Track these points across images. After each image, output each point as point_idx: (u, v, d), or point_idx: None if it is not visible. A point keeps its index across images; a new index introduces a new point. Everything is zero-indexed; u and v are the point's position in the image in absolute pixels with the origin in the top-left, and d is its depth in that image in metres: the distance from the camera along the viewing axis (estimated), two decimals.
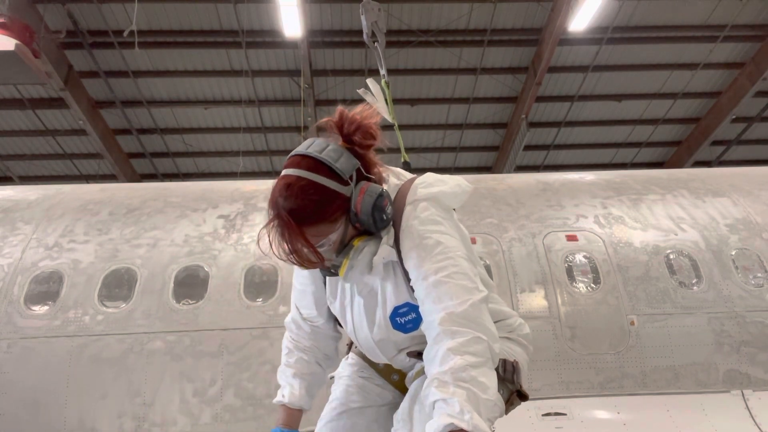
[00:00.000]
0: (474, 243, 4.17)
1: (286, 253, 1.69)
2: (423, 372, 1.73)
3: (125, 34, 9.42)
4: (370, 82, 2.06)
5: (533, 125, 14.61)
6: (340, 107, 1.79)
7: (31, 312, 4.48)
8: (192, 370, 4.30)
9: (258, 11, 11.71)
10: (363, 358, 2.16)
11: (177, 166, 16.03)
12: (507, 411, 1.81)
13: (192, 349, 4.36)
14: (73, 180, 15.42)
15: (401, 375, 2.08)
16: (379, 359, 2.04)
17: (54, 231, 4.94)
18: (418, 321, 1.80)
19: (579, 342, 4.44)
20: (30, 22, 10.06)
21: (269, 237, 1.70)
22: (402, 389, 2.06)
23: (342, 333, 2.18)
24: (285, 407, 2.06)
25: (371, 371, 2.15)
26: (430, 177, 1.91)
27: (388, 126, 1.89)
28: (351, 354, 2.23)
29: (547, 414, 4.15)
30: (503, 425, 1.90)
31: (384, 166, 1.89)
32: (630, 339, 4.44)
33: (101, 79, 12.86)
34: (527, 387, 1.87)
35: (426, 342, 1.68)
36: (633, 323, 4.48)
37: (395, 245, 1.79)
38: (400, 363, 2.01)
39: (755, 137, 15.92)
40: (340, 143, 1.75)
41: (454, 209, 1.92)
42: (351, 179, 1.73)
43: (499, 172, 15.51)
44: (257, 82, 13.40)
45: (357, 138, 1.75)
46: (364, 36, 4.47)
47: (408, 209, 1.80)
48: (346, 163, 1.71)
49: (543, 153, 16.33)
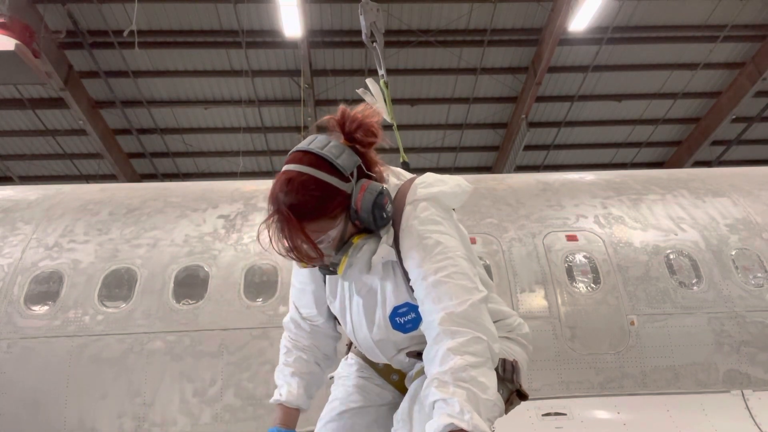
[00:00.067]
0: (474, 243, 4.17)
1: (285, 249, 1.69)
2: (423, 372, 1.73)
3: (125, 34, 9.42)
4: (369, 82, 2.06)
5: (533, 125, 14.61)
6: (342, 105, 1.79)
7: (31, 312, 4.48)
8: (192, 370, 4.30)
9: (258, 11, 11.71)
10: (362, 358, 2.16)
11: (177, 166, 16.04)
12: (507, 411, 1.81)
13: (192, 349, 4.35)
14: (73, 180, 15.42)
15: (401, 375, 2.08)
16: (379, 359, 2.04)
17: (54, 231, 4.94)
18: (417, 321, 1.79)
19: (579, 342, 4.44)
20: (30, 22, 10.07)
21: (269, 232, 1.69)
22: (402, 389, 2.06)
23: (341, 333, 2.18)
24: (282, 406, 2.04)
25: (371, 371, 2.14)
26: (430, 177, 1.91)
27: (387, 126, 1.89)
28: (350, 354, 2.22)
29: (547, 414, 4.15)
30: (503, 425, 1.90)
31: (385, 165, 1.89)
32: (630, 339, 4.43)
33: (101, 79, 12.86)
34: (527, 387, 1.87)
35: (425, 342, 1.68)
36: (633, 323, 4.48)
37: (395, 245, 1.79)
38: (399, 363, 2.01)
39: (755, 137, 15.92)
40: (341, 141, 1.75)
41: (453, 209, 1.91)
42: (352, 176, 1.73)
43: (499, 172, 15.51)
44: (257, 82, 13.40)
45: (358, 136, 1.75)
46: (362, 36, 4.49)
47: (408, 209, 1.79)
48: (347, 160, 1.71)
49: (543, 153, 16.33)
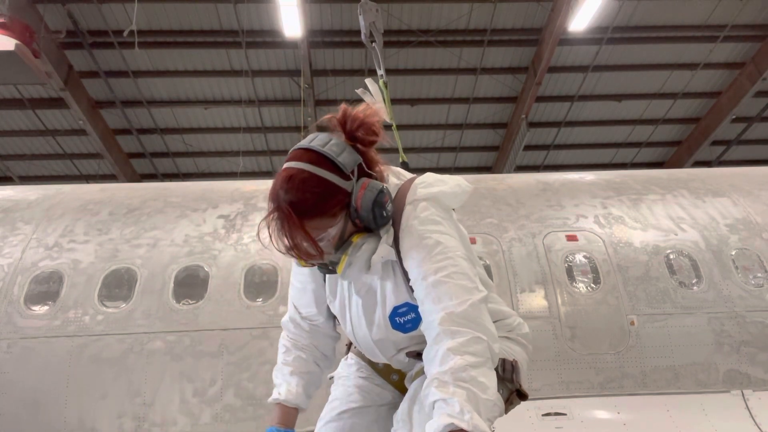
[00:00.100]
0: (474, 243, 4.17)
1: (285, 246, 1.69)
2: (422, 372, 1.73)
3: (125, 34, 9.43)
4: (368, 81, 2.06)
5: (533, 125, 14.61)
6: (344, 104, 1.79)
7: (31, 312, 4.48)
8: (192, 370, 4.30)
9: (258, 11, 11.71)
10: (362, 358, 2.16)
11: (177, 166, 16.04)
12: (507, 410, 1.81)
13: (192, 349, 4.35)
14: (73, 180, 15.43)
15: (401, 375, 2.08)
16: (378, 359, 2.04)
17: (54, 231, 4.94)
18: (417, 321, 1.79)
19: (579, 342, 4.44)
20: (30, 22, 10.07)
21: (269, 229, 1.69)
22: (401, 389, 2.06)
23: (340, 333, 2.18)
24: (281, 405, 2.03)
25: (371, 371, 2.14)
26: (430, 177, 1.90)
27: (386, 126, 1.90)
28: (350, 354, 2.22)
29: (547, 414, 4.15)
30: (503, 425, 1.90)
31: (385, 164, 1.89)
32: (630, 339, 4.43)
33: (101, 79, 12.86)
34: (527, 387, 1.87)
35: (425, 342, 1.68)
36: (633, 323, 4.48)
37: (395, 245, 1.79)
38: (399, 363, 2.01)
39: (755, 137, 15.92)
40: (342, 140, 1.75)
41: (453, 209, 1.91)
42: (353, 174, 1.73)
43: (499, 172, 15.51)
44: (257, 82, 13.40)
45: (360, 134, 1.75)
46: (362, 36, 4.48)
47: (408, 209, 1.79)
48: (348, 158, 1.71)
49: (543, 153, 16.33)
